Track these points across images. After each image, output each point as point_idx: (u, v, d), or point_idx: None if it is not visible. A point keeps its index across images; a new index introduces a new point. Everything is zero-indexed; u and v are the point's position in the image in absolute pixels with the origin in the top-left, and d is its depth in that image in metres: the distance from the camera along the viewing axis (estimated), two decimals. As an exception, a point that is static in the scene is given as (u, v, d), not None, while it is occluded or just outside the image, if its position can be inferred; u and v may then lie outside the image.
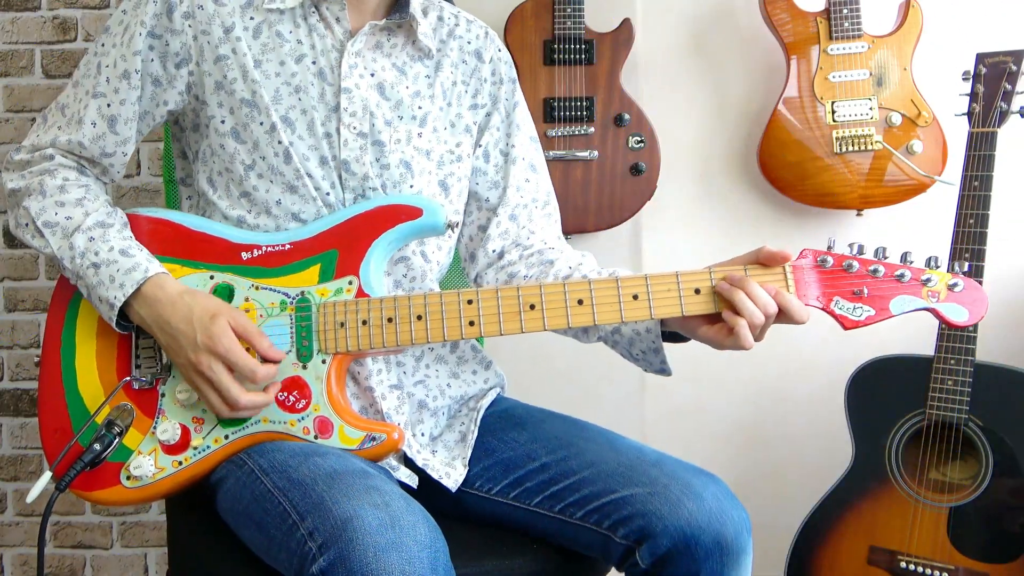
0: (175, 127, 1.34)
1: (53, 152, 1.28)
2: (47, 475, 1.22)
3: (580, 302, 1.16)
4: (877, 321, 1.12)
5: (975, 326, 1.73)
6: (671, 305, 1.15)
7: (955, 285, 1.12)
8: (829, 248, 1.15)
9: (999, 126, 1.77)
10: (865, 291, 1.12)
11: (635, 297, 1.15)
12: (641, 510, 1.15)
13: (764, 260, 1.14)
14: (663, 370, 1.27)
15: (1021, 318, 2.14)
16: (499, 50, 1.42)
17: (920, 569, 1.77)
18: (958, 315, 1.12)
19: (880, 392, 1.85)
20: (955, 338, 1.76)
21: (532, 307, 1.17)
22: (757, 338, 1.13)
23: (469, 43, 1.38)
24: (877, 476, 1.83)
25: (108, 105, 1.26)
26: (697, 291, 1.14)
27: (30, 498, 1.22)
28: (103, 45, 1.27)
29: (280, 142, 1.23)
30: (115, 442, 1.21)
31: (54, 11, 2.22)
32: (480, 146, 1.39)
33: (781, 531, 1.94)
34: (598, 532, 1.20)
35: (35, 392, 1.30)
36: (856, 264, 1.13)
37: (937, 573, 1.76)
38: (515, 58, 2.05)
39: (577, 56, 2.06)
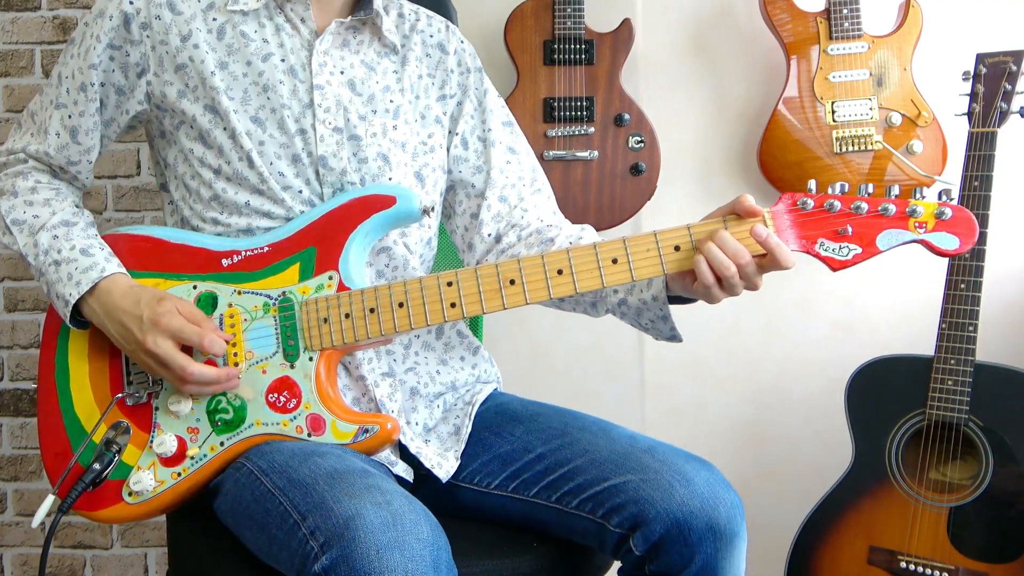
0: (149, 135, 1.37)
1: (27, 156, 1.33)
2: (50, 498, 1.23)
3: (560, 272, 1.15)
4: (865, 259, 1.08)
5: (975, 326, 1.74)
6: (652, 266, 1.14)
7: (942, 213, 1.06)
8: (809, 191, 1.12)
9: (999, 126, 1.77)
10: (849, 229, 1.08)
11: (614, 261, 1.14)
12: (634, 497, 1.16)
13: (740, 212, 1.13)
14: (673, 337, 1.27)
15: (1021, 318, 2.14)
16: (461, 41, 1.44)
17: (920, 569, 1.77)
18: (949, 243, 1.06)
19: (880, 392, 1.84)
20: (955, 338, 1.76)
21: (512, 282, 1.16)
22: (748, 286, 1.13)
23: (432, 36, 1.41)
24: (877, 476, 1.83)
25: (69, 116, 1.30)
26: (677, 248, 1.14)
27: (35, 522, 1.23)
28: (68, 56, 1.31)
29: (242, 147, 1.25)
30: (115, 460, 1.22)
31: (54, 11, 2.22)
32: (457, 134, 1.40)
33: (781, 531, 1.93)
34: (593, 520, 1.20)
35: (35, 392, 1.30)
36: (838, 203, 1.09)
37: (937, 573, 1.76)
38: (515, 58, 2.05)
39: (577, 56, 2.06)
